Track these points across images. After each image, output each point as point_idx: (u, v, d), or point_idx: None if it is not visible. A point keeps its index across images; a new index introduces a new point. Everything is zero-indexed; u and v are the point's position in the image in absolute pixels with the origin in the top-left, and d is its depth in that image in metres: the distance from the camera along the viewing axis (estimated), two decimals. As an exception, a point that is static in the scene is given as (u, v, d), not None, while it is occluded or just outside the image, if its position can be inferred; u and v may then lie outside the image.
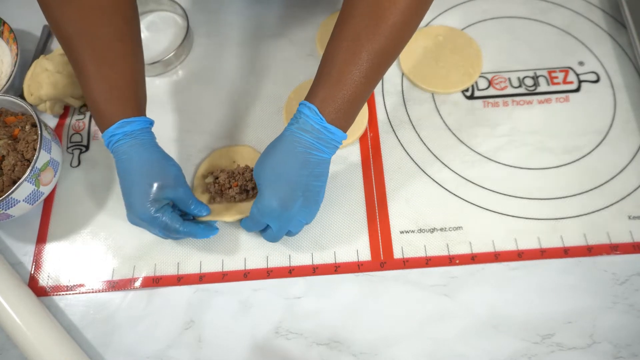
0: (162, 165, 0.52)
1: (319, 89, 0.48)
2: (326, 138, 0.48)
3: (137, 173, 0.50)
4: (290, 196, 0.49)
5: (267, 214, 0.50)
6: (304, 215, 0.51)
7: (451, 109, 0.65)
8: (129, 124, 0.50)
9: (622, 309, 0.54)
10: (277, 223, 0.51)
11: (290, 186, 0.48)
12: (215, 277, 0.57)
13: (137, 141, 0.51)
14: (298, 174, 0.48)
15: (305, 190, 0.49)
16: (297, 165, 0.48)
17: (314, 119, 0.47)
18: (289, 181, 0.48)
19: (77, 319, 0.56)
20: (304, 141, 0.48)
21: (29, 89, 0.64)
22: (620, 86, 0.66)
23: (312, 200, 0.50)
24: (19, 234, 0.61)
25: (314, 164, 0.49)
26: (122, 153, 0.51)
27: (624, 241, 0.57)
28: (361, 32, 0.46)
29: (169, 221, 0.51)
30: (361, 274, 0.57)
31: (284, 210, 0.49)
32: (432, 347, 0.53)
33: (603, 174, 0.61)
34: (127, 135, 0.50)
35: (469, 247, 0.57)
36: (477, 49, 0.68)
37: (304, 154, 0.48)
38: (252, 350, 0.54)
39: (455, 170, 0.62)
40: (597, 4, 0.72)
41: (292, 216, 0.50)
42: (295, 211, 0.50)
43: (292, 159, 0.48)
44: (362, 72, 0.46)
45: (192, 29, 0.72)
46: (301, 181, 0.48)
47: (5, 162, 0.56)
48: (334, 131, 0.48)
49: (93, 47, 0.50)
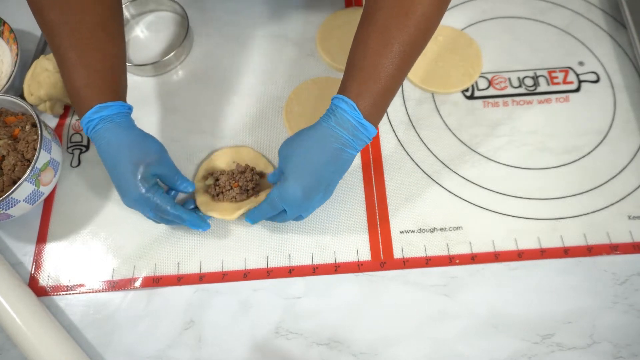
0: (142, 143, 0.52)
1: (354, 82, 0.47)
2: (361, 135, 0.48)
3: (119, 154, 0.50)
4: (315, 188, 0.49)
5: (289, 201, 0.50)
6: (318, 205, 0.53)
7: (451, 109, 0.65)
8: (105, 108, 0.50)
9: (622, 309, 0.54)
10: (295, 210, 0.51)
11: (317, 179, 0.49)
12: (215, 277, 0.57)
13: (114, 124, 0.51)
14: (327, 168, 0.49)
15: (328, 185, 0.50)
16: (328, 160, 0.48)
17: (351, 114, 0.47)
18: (317, 174, 0.49)
19: (77, 319, 0.56)
20: (339, 137, 0.48)
21: (29, 89, 0.64)
22: (620, 86, 0.66)
23: (329, 192, 0.52)
24: (19, 234, 0.61)
25: (343, 161, 0.49)
26: (101, 138, 0.51)
27: (624, 241, 0.57)
28: (391, 24, 0.46)
29: (159, 201, 0.51)
30: (361, 274, 0.57)
31: (305, 199, 0.49)
32: (432, 347, 0.53)
33: (603, 174, 0.61)
34: (103, 119, 0.50)
35: (469, 247, 0.57)
36: (477, 49, 0.68)
37: (337, 150, 0.48)
38: (252, 350, 0.54)
39: (455, 170, 0.62)
40: (597, 4, 0.72)
41: (310, 206, 0.51)
42: (315, 202, 0.51)
43: (324, 154, 0.48)
44: (395, 64, 0.46)
45: (192, 29, 0.72)
46: (327, 176, 0.49)
47: (6, 162, 0.56)
48: (368, 127, 0.48)
49: (74, 35, 0.50)
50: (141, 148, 0.51)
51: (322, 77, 0.67)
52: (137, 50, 0.72)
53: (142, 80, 0.69)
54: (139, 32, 0.74)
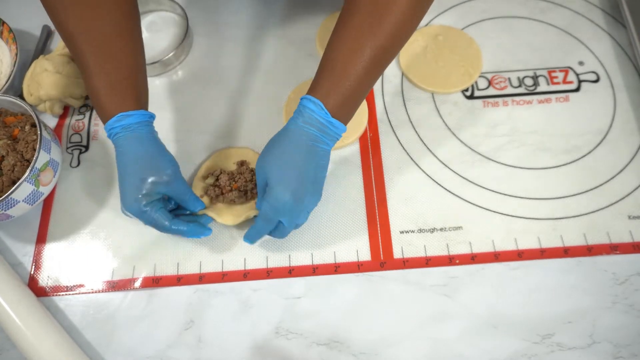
0: (157, 160, 0.52)
1: (323, 82, 0.48)
2: (330, 132, 0.49)
3: (130, 167, 0.51)
4: (302, 189, 0.49)
5: (281, 209, 0.49)
6: (311, 207, 0.52)
7: (451, 108, 0.65)
8: (127, 117, 0.51)
9: (622, 309, 0.54)
10: (290, 217, 0.50)
11: (301, 178, 0.49)
12: (215, 277, 0.57)
13: (134, 134, 0.51)
14: (307, 166, 0.49)
15: (314, 182, 0.50)
16: (305, 156, 0.48)
17: (319, 114, 0.48)
18: (299, 173, 0.48)
19: (77, 319, 0.56)
20: (310, 134, 0.48)
21: (28, 89, 0.64)
22: (620, 86, 0.66)
23: (317, 191, 0.51)
24: (18, 234, 0.61)
25: (320, 156, 0.49)
26: (119, 146, 0.51)
27: (624, 241, 0.57)
28: (364, 29, 0.46)
29: (157, 217, 0.51)
30: (361, 274, 0.57)
31: (296, 203, 0.49)
32: (432, 347, 0.53)
33: (603, 174, 0.61)
34: (124, 128, 0.51)
35: (468, 247, 0.57)
36: (477, 49, 0.68)
37: (310, 146, 0.48)
38: (252, 350, 0.54)
39: (455, 170, 0.62)
40: (597, 4, 0.72)
41: (303, 208, 0.50)
42: (306, 203, 0.50)
43: (300, 151, 0.48)
44: (365, 67, 0.47)
45: (192, 29, 0.72)
46: (310, 174, 0.49)
47: (5, 162, 0.56)
48: (337, 125, 0.49)
49: (94, 43, 0.50)
50: (153, 165, 0.51)
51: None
52: (137, 50, 0.72)
53: (141, 80, 0.69)
54: (138, 32, 0.74)
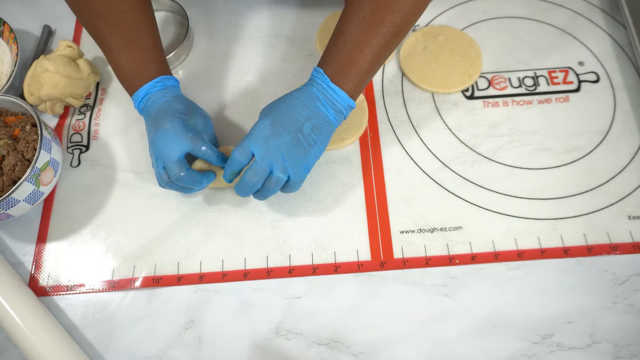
0: (195, 105, 0.58)
1: (324, 54, 0.53)
2: (330, 97, 0.51)
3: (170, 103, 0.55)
4: (282, 125, 0.50)
5: (255, 136, 0.51)
6: (288, 155, 0.50)
7: (451, 109, 0.65)
8: (166, 80, 0.57)
9: (622, 309, 0.54)
10: (262, 148, 0.50)
11: (284, 118, 0.51)
12: (215, 277, 0.57)
13: (171, 93, 0.57)
14: (296, 112, 0.51)
15: (298, 131, 0.50)
16: (298, 106, 0.51)
17: (320, 78, 0.52)
18: (287, 116, 0.51)
19: (77, 319, 0.56)
20: (311, 92, 0.52)
21: (29, 89, 0.64)
22: (620, 86, 0.66)
23: (300, 145, 0.50)
24: (19, 234, 0.61)
25: (315, 113, 0.51)
26: (162, 96, 0.56)
27: (624, 241, 0.57)
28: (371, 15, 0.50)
29: (193, 134, 0.53)
30: (361, 274, 0.57)
31: (272, 135, 0.50)
32: (432, 347, 0.53)
33: (603, 174, 0.61)
34: (166, 87, 0.57)
35: (469, 247, 0.57)
36: (477, 49, 0.68)
37: (307, 100, 0.51)
38: (252, 350, 0.54)
39: (455, 170, 0.62)
40: (597, 4, 0.72)
41: (277, 146, 0.50)
42: (281, 142, 0.50)
43: (295, 102, 0.52)
44: (360, 38, 0.50)
45: (192, 29, 0.72)
46: (297, 120, 0.51)
47: (6, 162, 0.56)
48: (337, 91, 0.51)
49: (118, 22, 0.55)
50: (193, 106, 0.57)
51: (322, 77, 0.67)
52: (137, 50, 0.72)
53: (142, 80, 0.69)
54: (139, 32, 0.74)
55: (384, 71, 0.68)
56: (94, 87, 0.69)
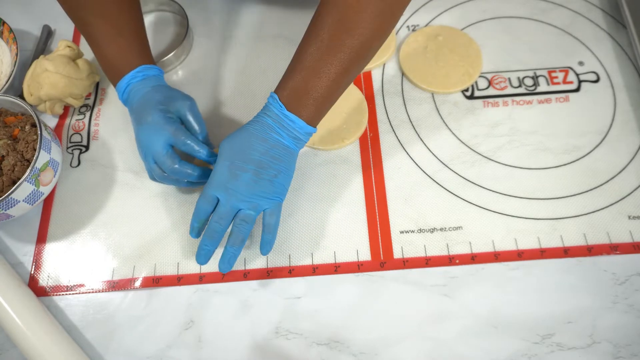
0: (176, 92, 0.57)
1: (283, 79, 0.51)
2: (286, 124, 0.50)
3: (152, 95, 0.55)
4: (240, 166, 0.50)
5: (215, 182, 0.51)
6: (253, 192, 0.51)
7: (451, 109, 0.65)
8: (148, 69, 0.57)
9: (622, 309, 0.54)
10: (225, 194, 0.51)
11: (242, 158, 0.50)
12: (215, 277, 0.57)
13: (152, 83, 0.57)
14: (252, 148, 0.50)
15: (258, 167, 0.50)
16: (254, 141, 0.51)
17: (274, 106, 0.51)
18: (242, 154, 0.51)
19: (77, 319, 0.56)
20: (265, 123, 0.51)
21: (28, 89, 0.64)
22: (620, 86, 0.66)
23: (265, 178, 0.51)
24: (19, 234, 0.61)
25: (271, 145, 0.51)
26: (143, 87, 0.56)
27: (624, 241, 0.57)
28: (330, 40, 0.48)
29: (176, 127, 0.53)
30: (361, 274, 0.57)
31: (231, 177, 0.50)
32: (432, 347, 0.53)
33: (603, 174, 0.61)
34: (141, 80, 0.56)
35: (468, 247, 0.57)
36: (476, 49, 0.68)
37: (262, 133, 0.51)
38: (252, 350, 0.54)
39: (455, 170, 0.62)
40: (597, 4, 0.72)
41: (238, 187, 0.50)
42: (242, 182, 0.50)
43: (250, 137, 0.51)
44: (327, 69, 0.49)
45: (192, 29, 0.72)
46: (254, 156, 0.50)
47: (5, 162, 0.56)
48: (293, 119, 0.50)
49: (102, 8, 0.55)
50: (173, 94, 0.57)
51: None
52: (137, 50, 0.72)
53: (142, 80, 0.69)
54: (138, 32, 0.74)
55: (384, 71, 0.68)
56: (94, 87, 0.69)
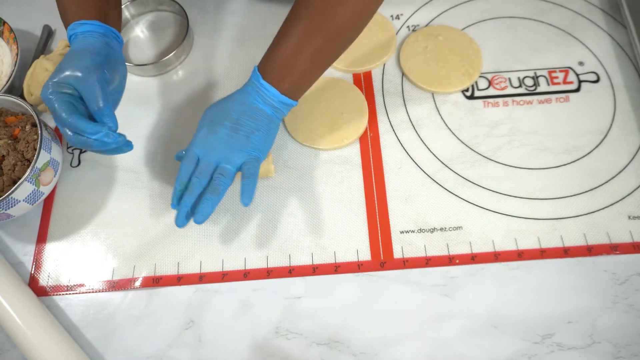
0: (83, 56, 0.51)
1: (266, 53, 0.54)
2: (263, 93, 0.53)
3: (63, 61, 0.51)
4: (218, 122, 0.54)
5: (196, 140, 0.54)
6: (229, 146, 0.53)
7: (451, 109, 0.65)
8: (84, 25, 0.53)
9: (622, 309, 0.54)
10: (203, 149, 0.53)
11: (219, 116, 0.54)
12: (215, 277, 0.57)
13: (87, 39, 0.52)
14: (230, 109, 0.54)
15: (235, 123, 0.53)
16: (232, 104, 0.54)
17: (254, 77, 0.54)
18: (221, 114, 0.54)
19: (77, 319, 0.56)
20: (244, 91, 0.54)
21: (29, 89, 0.64)
22: (620, 86, 0.66)
23: (241, 134, 0.53)
24: (19, 234, 0.61)
25: (248, 107, 0.54)
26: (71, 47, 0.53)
27: (624, 241, 0.57)
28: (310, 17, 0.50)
29: (57, 107, 0.48)
30: (361, 274, 0.57)
31: (210, 133, 0.53)
32: (432, 347, 0.53)
33: (603, 174, 0.61)
34: (82, 34, 0.53)
35: (469, 247, 0.57)
36: (477, 49, 0.68)
37: (240, 98, 0.54)
38: (252, 350, 0.54)
39: (455, 170, 0.62)
40: (597, 4, 0.72)
41: (215, 143, 0.53)
42: (219, 138, 0.53)
43: (229, 101, 0.55)
44: (305, 45, 0.51)
45: (192, 29, 0.72)
46: (231, 115, 0.54)
47: (6, 162, 0.56)
48: (268, 88, 0.53)
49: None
50: (76, 59, 0.50)
51: (322, 77, 0.67)
52: (137, 50, 0.72)
53: (142, 80, 0.70)
54: (139, 32, 0.74)
55: (384, 71, 0.68)
56: (94, 87, 0.69)
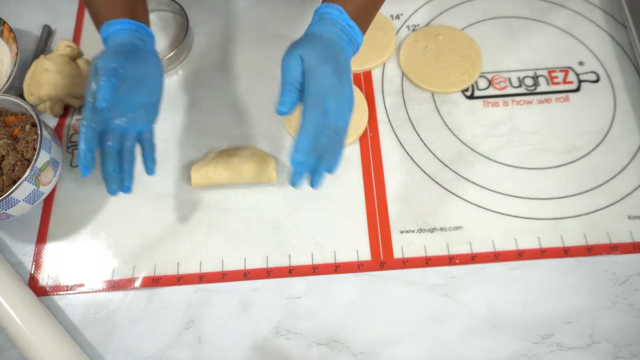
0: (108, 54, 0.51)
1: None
2: (350, 35, 0.50)
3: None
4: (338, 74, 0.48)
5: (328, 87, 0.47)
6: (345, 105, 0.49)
7: (451, 108, 0.65)
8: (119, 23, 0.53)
9: (622, 308, 0.54)
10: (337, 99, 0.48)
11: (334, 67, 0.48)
12: (215, 277, 0.57)
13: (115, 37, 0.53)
14: (335, 58, 0.48)
15: (335, 62, 0.48)
16: (333, 51, 0.49)
17: (340, 17, 0.50)
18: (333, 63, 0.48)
19: (77, 319, 0.56)
20: (335, 34, 0.50)
21: (29, 88, 0.64)
22: (620, 86, 0.66)
23: (343, 75, 0.49)
24: (19, 234, 0.61)
25: (343, 58, 0.50)
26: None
27: (624, 241, 0.57)
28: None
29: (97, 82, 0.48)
30: (361, 274, 0.57)
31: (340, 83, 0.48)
32: (432, 347, 0.53)
33: (603, 174, 0.61)
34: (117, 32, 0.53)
35: (468, 247, 0.57)
36: (477, 49, 0.68)
37: (336, 45, 0.49)
38: (252, 350, 0.54)
39: (455, 170, 0.62)
40: (597, 4, 0.72)
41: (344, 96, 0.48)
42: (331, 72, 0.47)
43: (328, 45, 0.49)
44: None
45: (192, 29, 0.72)
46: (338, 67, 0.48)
47: (5, 162, 0.56)
48: (356, 30, 0.50)
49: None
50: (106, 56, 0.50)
51: (322, 77, 0.67)
52: (137, 50, 0.72)
53: (142, 80, 0.69)
54: (139, 32, 0.74)
55: (384, 71, 0.68)
56: (94, 87, 0.69)
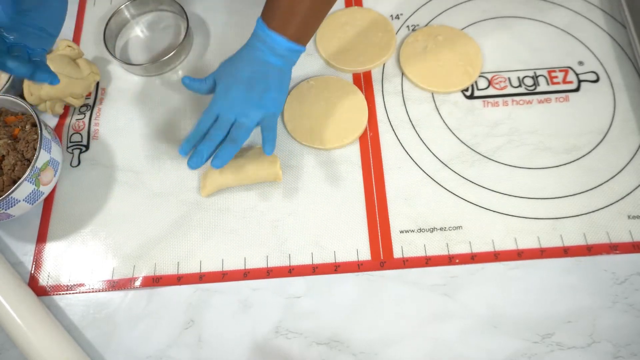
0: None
1: (268, 2, 0.57)
2: (268, 42, 0.56)
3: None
4: (233, 82, 0.56)
5: (215, 98, 0.57)
6: (247, 104, 0.56)
7: (451, 108, 0.65)
8: None
9: (622, 308, 0.54)
10: (222, 108, 0.56)
11: (232, 77, 0.57)
12: (215, 276, 0.57)
13: None
14: (240, 69, 0.57)
15: (248, 83, 0.56)
16: (240, 64, 0.57)
17: (258, 27, 0.56)
18: (232, 74, 0.57)
19: (77, 319, 0.56)
20: (252, 45, 0.57)
21: (29, 88, 0.64)
22: (620, 86, 0.66)
23: (255, 92, 0.56)
24: (19, 233, 0.61)
25: (257, 63, 0.56)
26: None
27: (624, 241, 0.57)
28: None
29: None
30: (361, 274, 0.57)
31: (226, 92, 0.56)
32: (432, 347, 0.53)
33: (603, 174, 0.61)
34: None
35: (468, 246, 0.57)
36: (476, 49, 0.68)
37: (248, 55, 0.57)
38: (252, 350, 0.54)
39: (455, 169, 0.62)
40: (597, 4, 0.72)
41: (233, 98, 0.56)
42: (235, 94, 0.56)
43: (237, 61, 0.57)
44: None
45: (192, 28, 0.72)
46: (242, 75, 0.56)
47: (5, 161, 0.56)
48: (273, 36, 0.55)
49: None
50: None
51: (322, 77, 0.67)
52: (137, 50, 0.72)
53: (142, 80, 0.70)
54: (139, 32, 0.74)
55: (383, 71, 0.68)
56: (94, 86, 0.69)
